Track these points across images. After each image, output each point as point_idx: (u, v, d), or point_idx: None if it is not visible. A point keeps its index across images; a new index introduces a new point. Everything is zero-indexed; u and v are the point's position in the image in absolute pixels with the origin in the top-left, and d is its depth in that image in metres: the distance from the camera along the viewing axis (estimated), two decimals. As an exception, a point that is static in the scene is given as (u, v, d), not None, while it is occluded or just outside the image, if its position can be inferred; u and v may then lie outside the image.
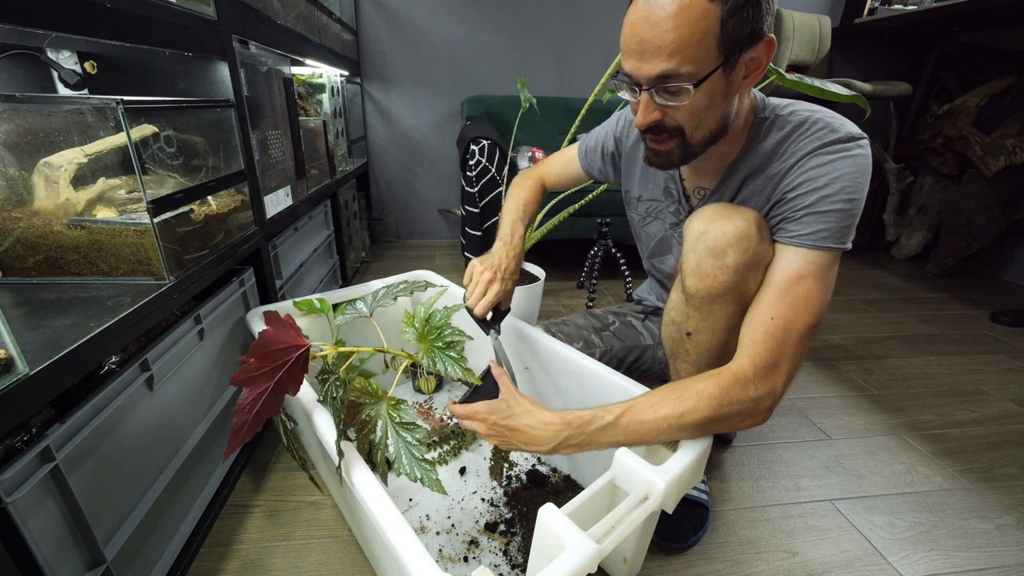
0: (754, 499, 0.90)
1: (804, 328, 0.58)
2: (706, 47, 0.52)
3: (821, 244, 0.58)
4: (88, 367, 0.52)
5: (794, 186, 0.61)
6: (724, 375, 0.58)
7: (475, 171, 1.66)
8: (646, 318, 1.04)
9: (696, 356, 0.70)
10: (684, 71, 0.53)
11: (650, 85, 0.56)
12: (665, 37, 0.52)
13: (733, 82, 0.57)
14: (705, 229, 0.63)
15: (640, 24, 0.53)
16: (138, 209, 0.68)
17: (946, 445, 1.05)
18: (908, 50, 2.28)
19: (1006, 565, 0.77)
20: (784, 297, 0.59)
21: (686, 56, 0.52)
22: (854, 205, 0.58)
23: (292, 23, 1.23)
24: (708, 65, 0.53)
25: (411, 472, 0.54)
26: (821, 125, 0.60)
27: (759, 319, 0.60)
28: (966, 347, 1.50)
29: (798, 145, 0.61)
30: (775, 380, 0.58)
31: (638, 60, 0.55)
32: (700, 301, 0.65)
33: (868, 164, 0.59)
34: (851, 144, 0.58)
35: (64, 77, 0.75)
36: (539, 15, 2.12)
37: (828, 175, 0.58)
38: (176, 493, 0.72)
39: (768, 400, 0.58)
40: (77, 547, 0.53)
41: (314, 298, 0.96)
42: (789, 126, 0.63)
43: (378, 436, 0.58)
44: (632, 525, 0.50)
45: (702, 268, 0.63)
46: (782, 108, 0.65)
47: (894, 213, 2.30)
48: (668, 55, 0.53)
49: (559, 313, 1.67)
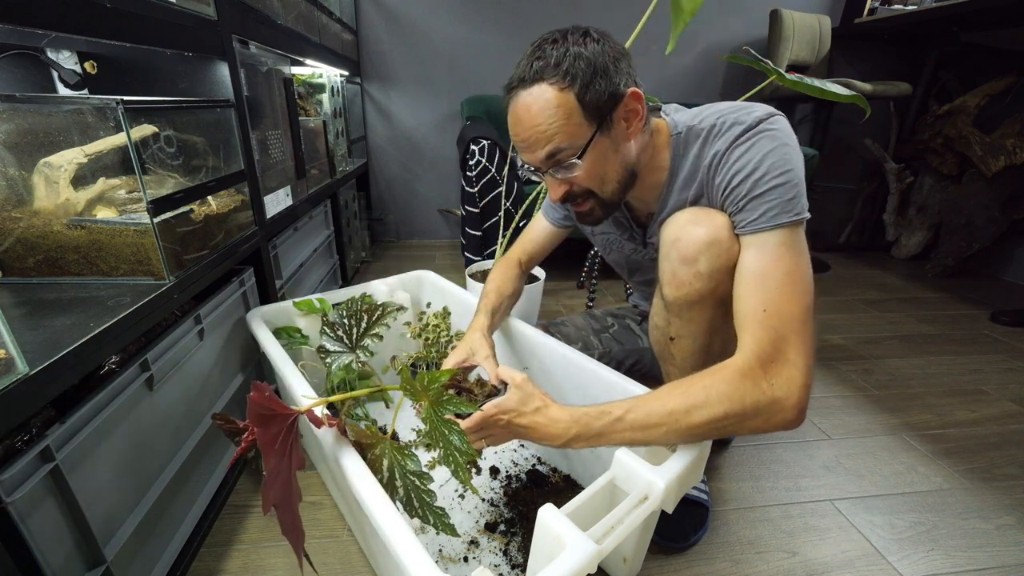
0: (754, 499, 0.90)
1: (800, 312, 0.56)
2: (575, 123, 0.60)
3: (775, 223, 0.58)
4: (88, 367, 0.52)
5: (727, 181, 0.62)
6: (728, 369, 0.56)
7: (475, 171, 1.66)
8: (643, 321, 1.04)
9: (681, 359, 0.72)
10: (565, 147, 0.61)
11: (545, 168, 0.64)
12: (537, 130, 0.61)
13: (616, 137, 0.63)
14: (677, 236, 0.64)
15: (516, 126, 0.63)
16: (138, 209, 0.68)
17: (946, 445, 1.05)
18: (908, 50, 2.28)
19: (1006, 565, 0.77)
20: (767, 286, 0.57)
21: (561, 137, 0.61)
22: (790, 176, 0.58)
23: (292, 23, 1.23)
24: (584, 136, 0.61)
25: (424, 516, 0.53)
26: (731, 122, 0.63)
27: (751, 314, 0.57)
28: (966, 347, 1.49)
29: (716, 145, 0.64)
30: (790, 372, 0.54)
31: (528, 152, 0.64)
32: (679, 308, 0.67)
33: (786, 135, 0.60)
34: (762, 126, 0.61)
35: (64, 77, 0.75)
36: (539, 15, 2.13)
37: (753, 159, 0.60)
38: (176, 493, 0.72)
39: (791, 394, 0.54)
40: (77, 547, 0.53)
41: (314, 298, 0.96)
42: (703, 133, 0.66)
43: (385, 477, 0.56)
44: (632, 525, 0.50)
45: (677, 277, 0.65)
46: (693, 119, 0.68)
47: (894, 213, 2.30)
48: (545, 142, 0.61)
49: (559, 313, 1.67)
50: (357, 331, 0.73)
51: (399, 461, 0.55)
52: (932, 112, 2.11)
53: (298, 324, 0.94)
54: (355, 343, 0.72)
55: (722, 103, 0.68)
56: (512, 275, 0.95)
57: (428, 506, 0.53)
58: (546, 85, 0.59)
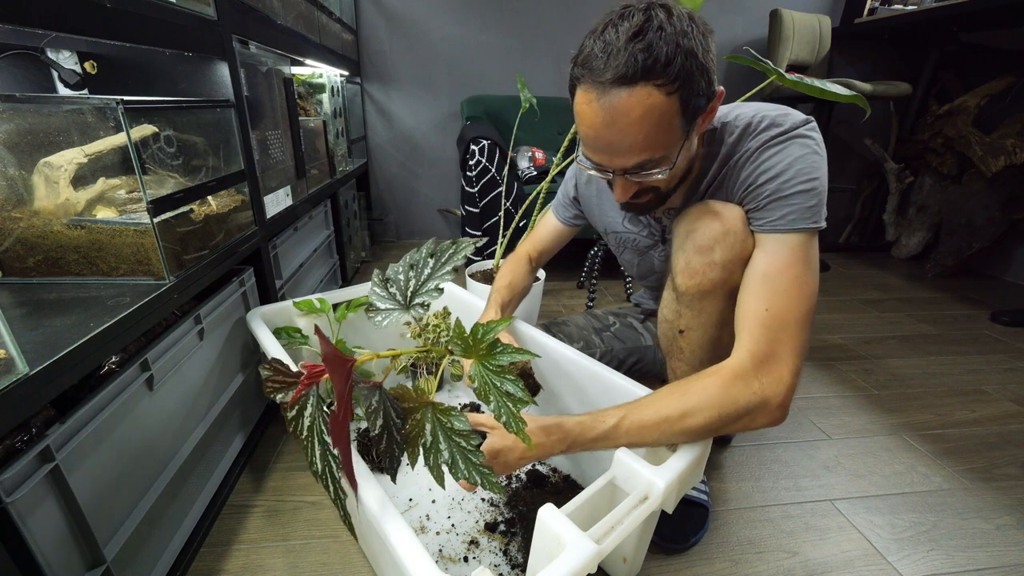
0: (754, 499, 0.90)
1: (801, 315, 0.57)
2: (673, 131, 0.55)
3: (793, 227, 0.59)
4: (88, 367, 0.52)
5: (753, 179, 0.62)
6: (724, 371, 0.57)
7: (475, 171, 1.66)
8: (646, 319, 1.04)
9: (690, 353, 0.72)
10: (658, 157, 0.56)
11: (625, 173, 0.59)
12: (635, 139, 0.54)
13: (693, 135, 0.59)
14: (692, 228, 0.65)
15: (604, 129, 0.54)
16: (138, 209, 0.68)
17: (946, 445, 1.05)
18: (908, 50, 2.28)
19: (1006, 565, 0.77)
20: (774, 287, 0.58)
21: (657, 147, 0.55)
22: (816, 184, 0.59)
23: (292, 23, 1.23)
24: (677, 144, 0.56)
25: (470, 476, 0.52)
26: (767, 123, 0.62)
27: (752, 312, 0.59)
28: (966, 347, 1.49)
29: (749, 144, 0.63)
30: (780, 371, 0.56)
31: (608, 156, 0.57)
32: (691, 298, 0.67)
33: (818, 145, 0.60)
34: (797, 132, 0.60)
35: (64, 77, 0.75)
36: (539, 15, 2.13)
37: (782, 162, 0.60)
38: (176, 493, 0.72)
39: (778, 394, 0.56)
40: (77, 547, 0.53)
41: (314, 298, 0.96)
42: (738, 130, 0.64)
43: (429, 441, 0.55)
44: (632, 525, 0.50)
45: (691, 266, 0.65)
46: (728, 115, 0.66)
47: (894, 213, 2.30)
48: (640, 151, 0.55)
49: (559, 313, 1.67)
50: (416, 282, 0.64)
51: (443, 423, 0.54)
52: (932, 112, 2.11)
53: (298, 324, 0.94)
54: (409, 301, 0.63)
55: (754, 103, 0.67)
56: (523, 271, 0.96)
57: (474, 466, 0.52)
58: (652, 88, 0.51)
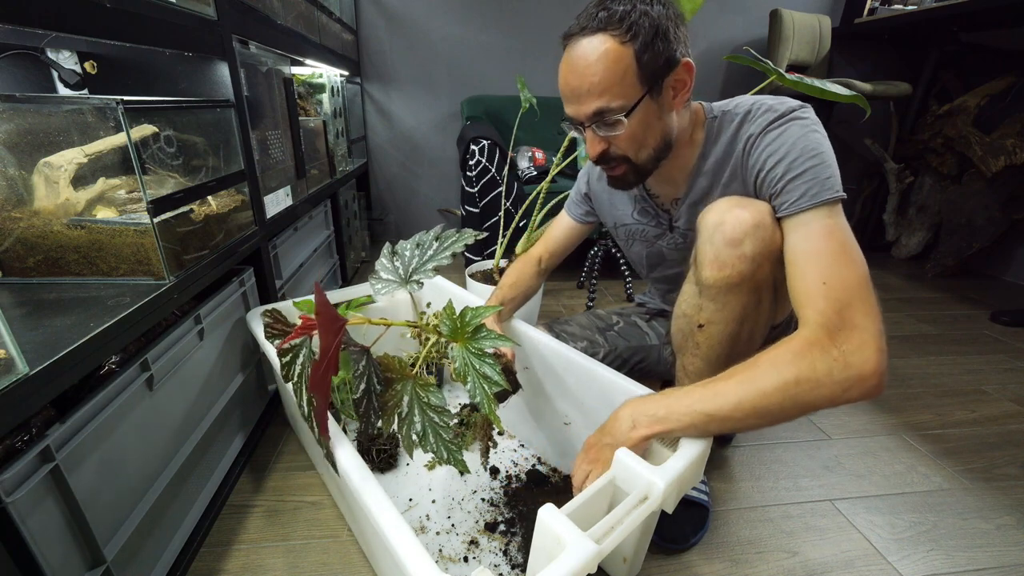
0: (754, 499, 0.90)
1: (861, 279, 0.55)
2: (629, 82, 0.61)
3: (815, 200, 0.59)
4: (88, 367, 0.52)
5: (761, 164, 0.64)
6: (792, 340, 0.54)
7: (475, 171, 1.66)
8: (651, 318, 1.04)
9: (707, 348, 0.70)
10: (615, 105, 0.62)
11: (589, 122, 0.64)
12: (592, 80, 0.61)
13: (663, 105, 0.64)
14: (722, 220, 0.64)
15: (569, 75, 0.63)
16: (138, 209, 0.68)
17: (946, 445, 1.05)
18: (908, 50, 2.28)
19: (1006, 565, 0.77)
20: (822, 261, 0.57)
21: (613, 93, 0.61)
22: (823, 157, 0.60)
23: (292, 23, 1.23)
24: (634, 96, 0.62)
25: (438, 451, 0.54)
26: (765, 108, 0.66)
27: (811, 290, 0.56)
28: (966, 347, 1.49)
29: (749, 130, 0.66)
30: (861, 336, 0.52)
31: (575, 104, 0.64)
32: (716, 291, 0.66)
33: (816, 123, 0.63)
34: (794, 114, 0.63)
35: (64, 77, 0.75)
36: (539, 15, 2.13)
37: (786, 143, 0.62)
38: (176, 493, 0.72)
39: (867, 359, 0.51)
40: (77, 547, 0.53)
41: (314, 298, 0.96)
42: (737, 118, 0.68)
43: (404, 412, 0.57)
44: (632, 525, 0.50)
45: (720, 258, 0.64)
46: (727, 105, 0.71)
47: (894, 213, 2.30)
48: (598, 95, 0.61)
49: (559, 313, 1.67)
50: (419, 260, 0.73)
51: (421, 397, 0.57)
52: (932, 112, 2.11)
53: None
54: (408, 276, 0.72)
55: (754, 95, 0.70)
56: (528, 272, 0.97)
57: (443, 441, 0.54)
58: (607, 36, 0.59)
